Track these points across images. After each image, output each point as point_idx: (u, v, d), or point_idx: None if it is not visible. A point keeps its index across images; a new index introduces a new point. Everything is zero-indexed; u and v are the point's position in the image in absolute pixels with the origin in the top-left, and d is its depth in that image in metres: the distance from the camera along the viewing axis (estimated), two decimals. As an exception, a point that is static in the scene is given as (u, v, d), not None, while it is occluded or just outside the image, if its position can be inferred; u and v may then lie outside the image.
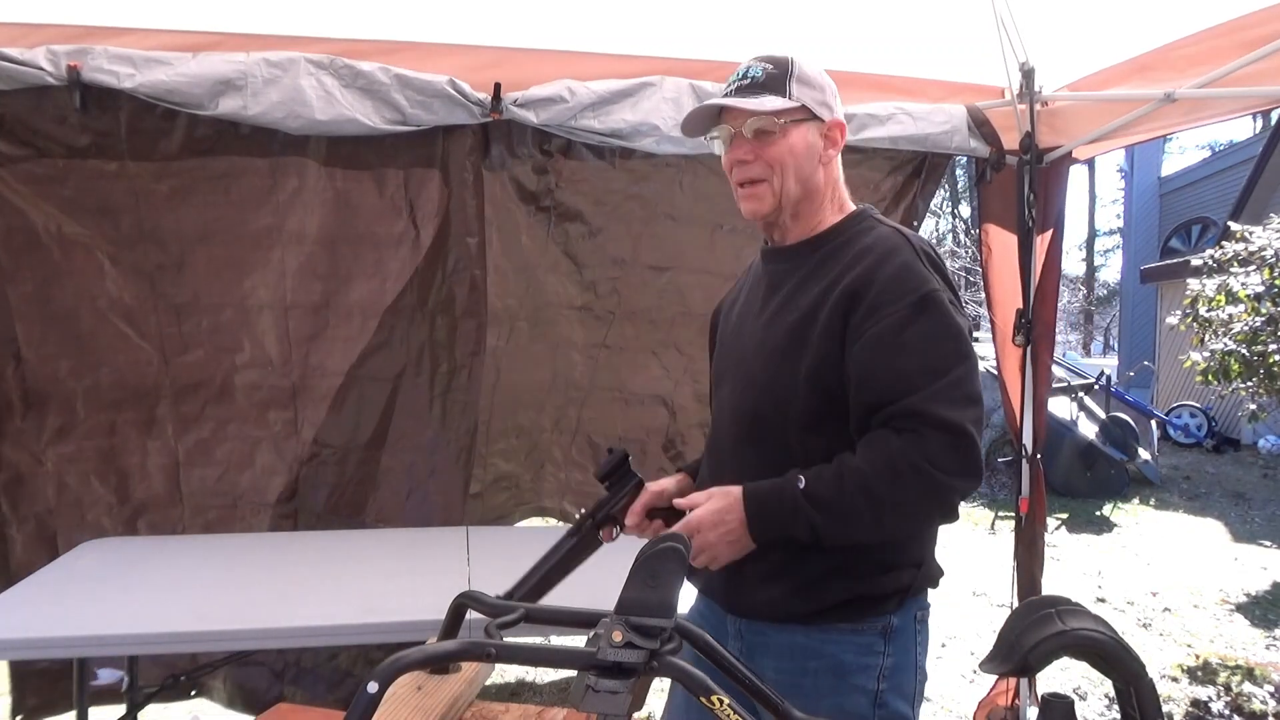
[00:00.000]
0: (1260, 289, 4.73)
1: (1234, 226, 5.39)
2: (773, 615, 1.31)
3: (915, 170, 2.76)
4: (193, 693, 2.81)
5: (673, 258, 2.94)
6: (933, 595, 1.37)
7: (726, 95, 1.32)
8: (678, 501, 1.27)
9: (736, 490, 1.23)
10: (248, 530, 2.76)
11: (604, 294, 3.02)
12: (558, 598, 1.09)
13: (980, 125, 2.62)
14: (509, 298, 2.95)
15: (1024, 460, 2.75)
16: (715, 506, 1.22)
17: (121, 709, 2.43)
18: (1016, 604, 2.60)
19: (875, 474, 1.17)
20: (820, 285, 1.28)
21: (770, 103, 1.28)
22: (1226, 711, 3.27)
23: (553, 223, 2.83)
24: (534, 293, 2.98)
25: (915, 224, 2.87)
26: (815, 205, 1.36)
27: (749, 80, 1.31)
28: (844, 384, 1.23)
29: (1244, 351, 4.72)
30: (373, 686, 0.80)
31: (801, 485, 1.19)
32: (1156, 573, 5.23)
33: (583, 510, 1.38)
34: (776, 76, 1.31)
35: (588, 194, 2.78)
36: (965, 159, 2.80)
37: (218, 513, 2.75)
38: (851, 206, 1.39)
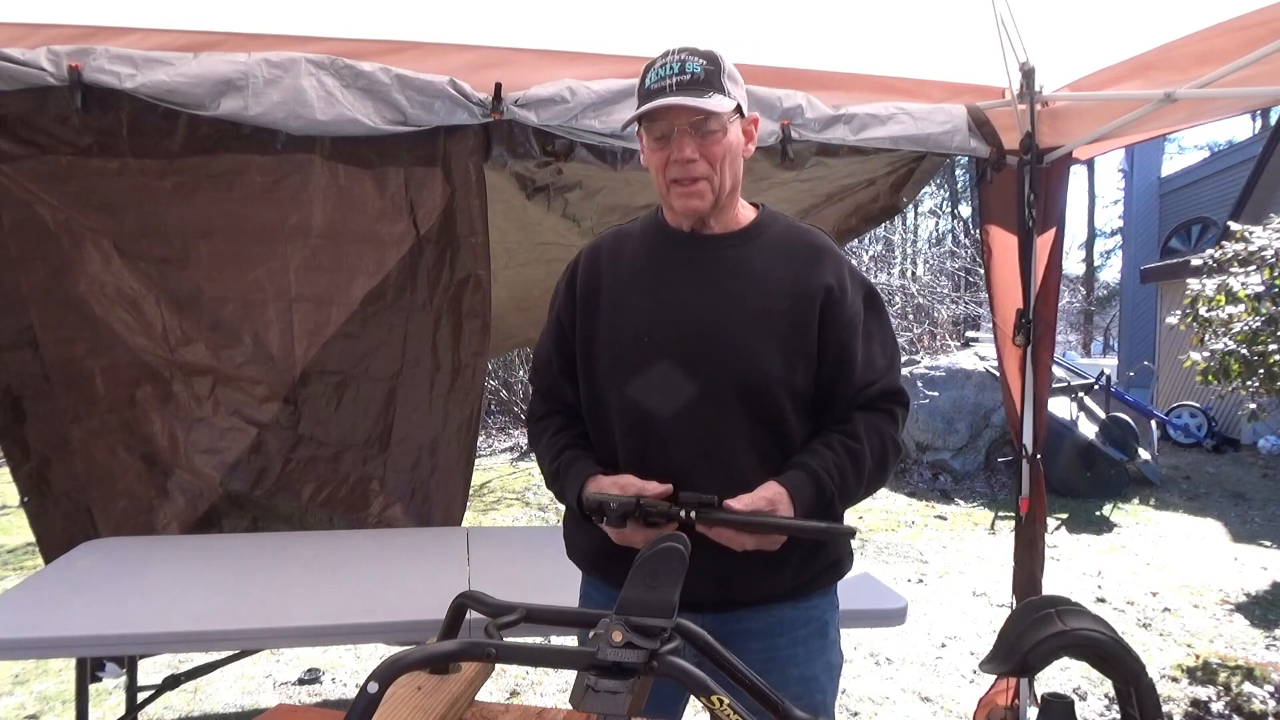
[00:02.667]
0: (1260, 289, 4.72)
1: (1234, 226, 5.38)
2: (765, 598, 1.38)
3: (914, 161, 2.77)
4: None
5: None
6: (932, 595, 1.39)
7: (668, 92, 1.29)
8: (743, 501, 1.26)
9: (785, 496, 1.28)
10: (257, 514, 2.79)
11: (600, 229, 3.27)
12: (557, 598, 1.09)
13: (980, 125, 2.62)
14: (509, 243, 3.23)
15: (1024, 460, 2.75)
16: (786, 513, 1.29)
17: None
18: (1016, 604, 2.60)
19: (874, 459, 1.35)
20: (782, 275, 1.38)
21: (720, 102, 1.30)
22: (1226, 711, 3.27)
23: (552, 196, 2.97)
24: (532, 236, 3.28)
25: (906, 199, 2.92)
26: (735, 198, 1.43)
27: (689, 76, 1.30)
28: (817, 366, 1.37)
29: (1244, 351, 4.71)
30: (373, 687, 0.80)
31: (833, 487, 1.32)
32: (1156, 573, 5.22)
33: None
34: (713, 73, 1.31)
35: (590, 172, 2.87)
36: (966, 159, 2.80)
37: (229, 491, 2.78)
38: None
